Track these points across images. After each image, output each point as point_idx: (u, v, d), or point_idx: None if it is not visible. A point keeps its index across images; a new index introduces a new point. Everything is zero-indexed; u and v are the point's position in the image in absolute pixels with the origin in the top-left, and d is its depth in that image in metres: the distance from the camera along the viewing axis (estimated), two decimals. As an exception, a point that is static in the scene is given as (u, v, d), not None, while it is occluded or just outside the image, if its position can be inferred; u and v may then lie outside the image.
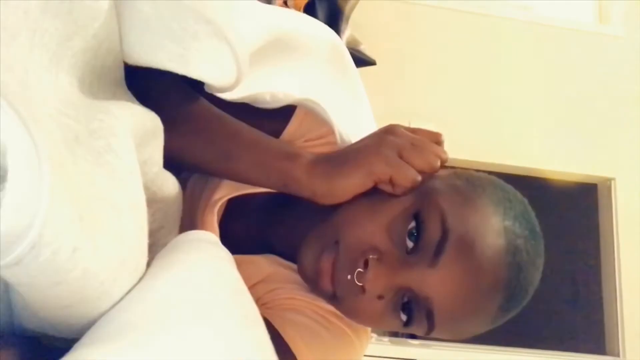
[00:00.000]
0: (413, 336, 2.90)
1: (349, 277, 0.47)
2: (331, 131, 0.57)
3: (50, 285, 0.30)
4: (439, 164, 0.50)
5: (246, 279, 0.46)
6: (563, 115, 2.23)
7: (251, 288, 0.54)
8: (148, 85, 0.48)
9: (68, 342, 0.33)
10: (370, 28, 2.07)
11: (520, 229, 0.49)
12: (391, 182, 0.49)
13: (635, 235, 2.12)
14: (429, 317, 0.47)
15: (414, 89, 2.15)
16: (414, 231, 0.47)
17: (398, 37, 2.21)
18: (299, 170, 0.51)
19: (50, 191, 0.27)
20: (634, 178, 2.19)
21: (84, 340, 0.32)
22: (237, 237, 0.55)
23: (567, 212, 2.48)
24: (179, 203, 0.51)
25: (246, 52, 0.46)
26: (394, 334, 2.95)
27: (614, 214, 2.13)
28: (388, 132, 0.51)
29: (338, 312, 0.55)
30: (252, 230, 0.59)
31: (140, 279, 0.37)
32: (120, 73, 0.44)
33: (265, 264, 0.56)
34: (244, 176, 0.53)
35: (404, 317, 0.49)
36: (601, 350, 2.05)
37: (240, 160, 0.52)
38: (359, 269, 0.47)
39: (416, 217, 0.47)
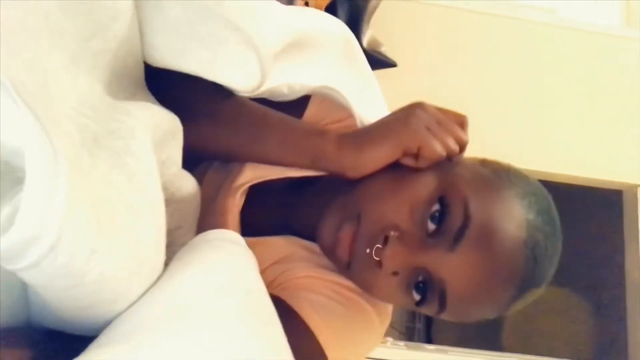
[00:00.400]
0: (429, 341, 2.87)
1: (367, 250, 0.48)
2: (349, 115, 0.58)
3: (68, 288, 0.30)
4: (458, 148, 0.51)
5: (262, 260, 0.48)
6: (588, 121, 2.18)
7: (267, 269, 0.55)
8: (168, 82, 0.48)
9: (85, 340, 0.33)
10: (391, 29, 2.06)
11: (542, 223, 0.49)
12: (416, 154, 0.50)
13: (662, 243, 2.06)
14: (442, 299, 0.48)
15: (434, 92, 2.12)
16: (437, 214, 0.48)
17: (419, 39, 2.20)
18: (327, 144, 0.51)
19: (67, 194, 0.27)
20: (661, 185, 2.13)
21: (99, 340, 0.32)
22: (258, 221, 0.55)
23: (592, 219, 2.43)
24: (197, 203, 0.51)
25: (271, 57, 0.46)
26: (410, 338, 2.92)
27: (639, 220, 2.08)
28: (417, 107, 0.52)
29: (357, 288, 0.55)
30: (272, 212, 0.60)
31: (158, 279, 0.37)
32: (141, 74, 0.44)
33: (283, 245, 0.57)
34: (272, 156, 0.53)
35: (417, 297, 0.49)
36: (625, 359, 2.00)
37: (268, 140, 0.52)
38: (378, 245, 0.47)
39: (441, 201, 0.48)
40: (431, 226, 0.48)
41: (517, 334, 2.73)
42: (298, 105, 0.59)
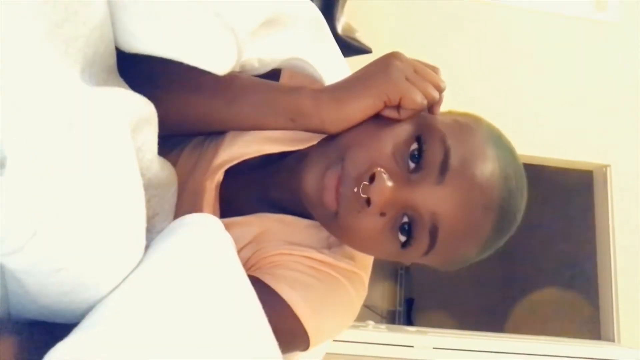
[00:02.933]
0: (410, 322, 2.92)
1: (355, 189, 0.48)
2: (320, 86, 0.58)
3: (51, 272, 0.30)
4: (437, 94, 0.52)
5: (237, 241, 0.47)
6: (558, 102, 2.23)
7: (242, 249, 0.55)
8: (137, 64, 0.48)
9: (67, 328, 0.33)
10: (366, 15, 2.06)
11: (510, 159, 0.52)
12: (398, 105, 0.50)
13: (631, 221, 2.13)
14: (433, 233, 0.48)
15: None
16: (416, 153, 0.49)
17: (394, 25, 2.20)
18: (304, 99, 0.51)
19: (50, 177, 0.27)
20: (629, 165, 2.19)
21: (84, 323, 0.32)
22: (235, 199, 0.55)
23: (563, 199, 2.49)
24: (174, 189, 0.51)
25: (247, 39, 0.47)
26: (391, 321, 2.96)
27: (609, 200, 2.14)
28: (393, 57, 0.52)
29: (329, 261, 0.56)
30: (250, 189, 0.60)
31: (139, 264, 0.37)
32: (113, 60, 0.43)
33: (256, 223, 0.57)
34: (249, 118, 0.52)
35: (402, 238, 0.50)
36: (596, 336, 2.07)
37: (244, 101, 0.52)
38: (365, 182, 0.47)
39: (418, 140, 0.49)
40: (412, 164, 0.49)
41: (494, 312, 2.80)
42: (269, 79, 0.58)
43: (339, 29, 1.67)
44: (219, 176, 0.56)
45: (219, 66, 0.47)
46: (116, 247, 0.34)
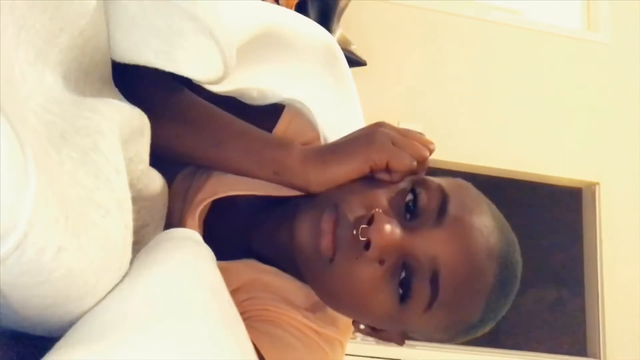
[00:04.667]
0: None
1: (354, 232, 0.46)
2: (318, 137, 0.58)
3: (34, 285, 0.29)
4: (427, 152, 0.52)
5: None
6: (549, 120, 2.25)
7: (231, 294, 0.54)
8: (135, 81, 0.48)
9: (49, 341, 0.33)
10: (361, 28, 2.08)
11: (504, 220, 0.52)
12: (387, 168, 0.50)
13: (618, 239, 2.15)
14: (434, 282, 0.46)
15: (403, 90, 2.16)
16: (411, 203, 0.49)
17: (389, 38, 2.22)
18: (291, 157, 0.51)
19: (35, 190, 0.26)
20: (618, 183, 2.22)
21: (67, 339, 0.31)
22: (219, 239, 0.54)
23: (552, 216, 2.51)
24: (164, 201, 0.51)
25: (233, 47, 0.46)
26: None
27: (597, 218, 2.16)
28: (378, 125, 0.53)
29: (314, 327, 0.55)
30: (234, 232, 0.59)
31: (124, 277, 0.37)
32: (108, 70, 0.43)
33: (243, 271, 0.55)
34: (234, 164, 0.52)
35: (400, 290, 0.47)
36: (583, 353, 2.08)
37: (231, 146, 0.52)
38: (363, 225, 0.46)
39: (413, 191, 0.49)
40: (408, 215, 0.49)
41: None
42: (270, 117, 0.58)
43: (335, 41, 1.67)
44: (201, 212, 0.56)
45: (202, 74, 0.46)
46: (102, 260, 0.34)
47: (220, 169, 0.54)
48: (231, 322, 0.39)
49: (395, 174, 0.50)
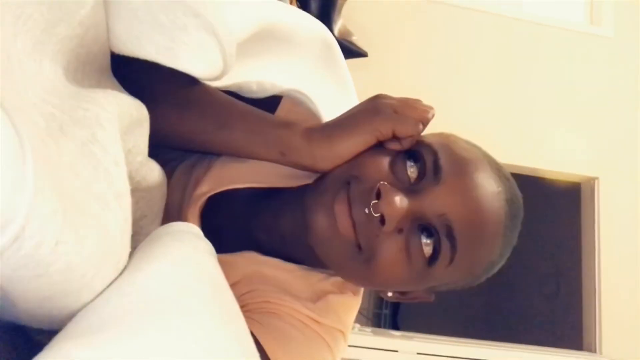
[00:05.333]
0: (395, 327, 2.93)
1: (366, 210, 0.47)
2: (315, 124, 0.57)
3: (32, 278, 0.29)
4: (430, 115, 0.53)
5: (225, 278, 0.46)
6: (548, 114, 2.25)
7: (231, 287, 0.54)
8: (135, 71, 0.47)
9: (47, 334, 0.33)
10: (362, 19, 2.06)
11: (493, 159, 0.53)
12: (395, 136, 0.51)
13: (616, 234, 2.15)
14: (450, 236, 0.48)
15: (404, 82, 2.15)
16: (412, 168, 0.50)
17: (390, 29, 2.21)
18: (296, 136, 0.51)
19: (33, 183, 0.26)
20: (617, 178, 2.22)
21: (65, 333, 0.31)
22: (218, 231, 0.54)
23: (551, 211, 2.52)
24: (163, 192, 0.51)
25: (233, 44, 0.46)
26: (377, 324, 2.97)
27: (596, 213, 2.16)
28: (378, 97, 0.53)
29: (316, 318, 0.55)
30: (234, 224, 0.59)
31: (123, 270, 0.37)
32: (107, 61, 0.43)
33: (243, 264, 0.56)
34: (239, 146, 0.52)
35: (427, 251, 0.49)
36: (579, 346, 2.09)
37: (235, 128, 0.51)
38: (374, 201, 0.47)
39: (411, 155, 0.50)
40: (413, 175, 0.50)
41: (478, 320, 2.82)
42: (269, 109, 0.58)
43: (336, 32, 1.67)
44: (200, 205, 0.55)
45: (202, 70, 0.46)
46: (101, 253, 0.34)
47: (224, 151, 0.53)
48: (231, 316, 0.39)
49: (405, 140, 0.51)
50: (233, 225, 0.59)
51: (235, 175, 0.56)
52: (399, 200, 0.47)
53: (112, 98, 0.38)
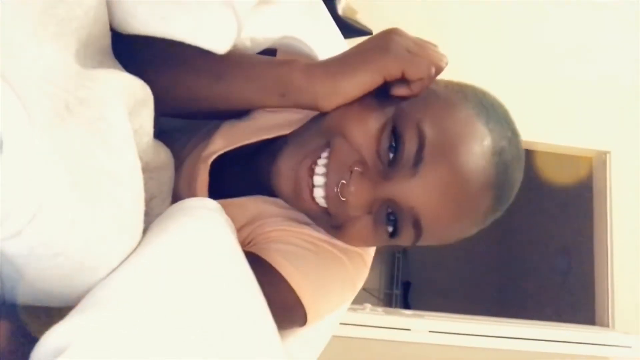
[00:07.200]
0: (407, 306, 2.94)
1: (335, 189, 0.47)
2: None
3: (49, 256, 0.30)
4: (444, 63, 0.49)
5: (233, 221, 0.47)
6: (558, 89, 2.22)
7: (239, 231, 0.54)
8: (132, 49, 0.47)
9: (64, 311, 0.33)
10: (367, -2, 2.03)
11: (504, 130, 0.49)
12: (404, 78, 0.47)
13: (628, 208, 2.13)
14: (416, 225, 0.47)
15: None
16: (392, 144, 0.47)
17: (394, 7, 2.18)
18: (296, 73, 0.48)
19: (48, 162, 0.26)
20: (629, 152, 2.19)
21: (79, 307, 0.32)
22: (227, 184, 0.55)
23: (562, 185, 2.50)
24: (171, 173, 0.51)
25: (247, 15, 0.46)
26: (388, 304, 2.99)
27: (608, 187, 2.14)
28: (393, 32, 0.49)
29: (327, 239, 0.55)
30: (241, 175, 0.59)
31: (137, 246, 0.37)
32: (108, 41, 0.43)
33: (252, 205, 0.56)
34: (238, 95, 0.50)
35: (389, 229, 0.49)
36: (591, 321, 2.09)
37: (233, 77, 0.50)
38: (343, 181, 0.47)
39: (394, 131, 0.47)
40: (390, 156, 0.47)
41: (490, 297, 2.82)
42: None
43: (340, 10, 1.65)
44: (210, 162, 0.56)
45: (219, 45, 0.46)
46: (116, 230, 0.34)
47: (223, 104, 0.52)
48: (246, 287, 0.39)
49: (415, 85, 0.47)
50: (241, 175, 0.59)
51: (243, 131, 0.56)
52: (365, 192, 0.47)
53: (116, 77, 0.38)
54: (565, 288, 2.53)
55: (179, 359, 0.30)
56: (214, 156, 0.56)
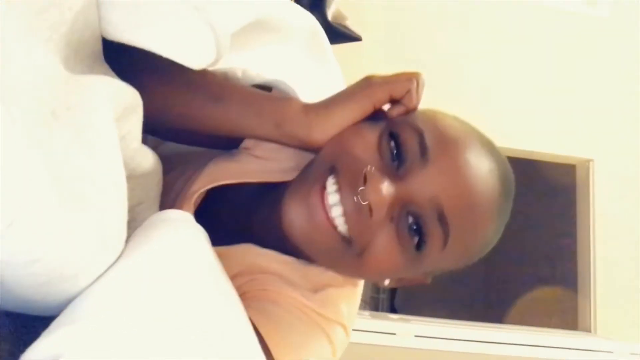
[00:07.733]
0: (393, 310, 2.95)
1: (354, 198, 0.46)
2: None
3: (28, 263, 0.29)
4: (421, 77, 0.52)
5: (225, 269, 0.45)
6: (543, 96, 2.24)
7: (231, 279, 0.53)
8: (130, 55, 0.47)
9: (44, 320, 0.33)
10: (356, 2, 2.04)
11: (479, 133, 0.52)
12: (393, 99, 0.51)
13: (611, 216, 2.17)
14: (442, 220, 0.46)
15: (399, 67, 2.13)
16: (394, 150, 0.48)
17: (384, 13, 2.19)
18: (292, 108, 0.51)
19: (29, 167, 0.26)
20: (612, 159, 2.22)
21: (61, 319, 0.31)
22: (216, 227, 0.54)
23: (545, 192, 2.53)
24: (158, 179, 0.51)
25: (228, 37, 0.46)
26: (374, 308, 3.00)
27: (591, 195, 2.17)
28: (369, 75, 0.53)
29: (313, 306, 0.54)
30: (232, 219, 0.58)
31: (120, 256, 0.37)
32: (98, 47, 0.43)
33: (240, 256, 0.55)
34: (234, 118, 0.50)
35: (415, 239, 0.47)
36: (574, 326, 2.12)
37: (231, 101, 0.50)
38: (361, 187, 0.46)
39: (392, 136, 0.49)
40: (396, 161, 0.48)
41: (473, 302, 2.84)
42: None
43: (329, 16, 1.65)
44: (195, 201, 0.55)
45: (194, 61, 0.46)
46: (97, 239, 0.34)
47: (217, 127, 0.52)
48: (227, 297, 0.39)
49: (406, 98, 0.50)
50: (230, 221, 0.58)
51: (228, 172, 0.56)
52: (386, 187, 0.46)
53: (105, 83, 0.38)
54: (549, 294, 2.55)
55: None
56: (196, 195, 0.55)
